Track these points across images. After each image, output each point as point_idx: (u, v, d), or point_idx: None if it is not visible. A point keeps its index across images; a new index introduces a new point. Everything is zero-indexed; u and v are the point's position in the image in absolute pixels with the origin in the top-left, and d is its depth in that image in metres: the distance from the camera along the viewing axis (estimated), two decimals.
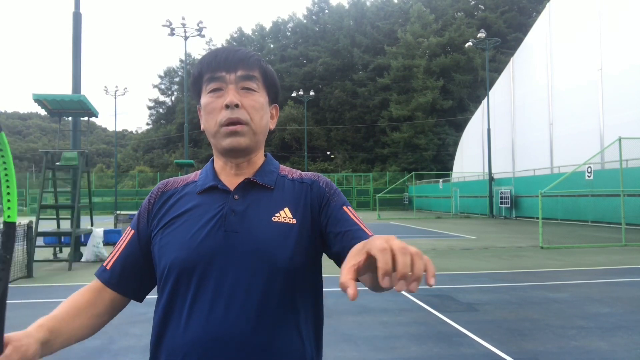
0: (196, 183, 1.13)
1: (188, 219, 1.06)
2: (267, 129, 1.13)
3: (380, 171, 51.59)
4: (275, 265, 1.01)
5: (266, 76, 1.11)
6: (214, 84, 1.07)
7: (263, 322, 0.99)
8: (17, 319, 5.85)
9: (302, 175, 1.16)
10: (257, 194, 1.09)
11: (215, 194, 1.08)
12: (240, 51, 1.09)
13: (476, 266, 9.21)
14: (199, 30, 31.82)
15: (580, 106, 22.81)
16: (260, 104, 1.09)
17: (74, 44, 11.30)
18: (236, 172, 1.12)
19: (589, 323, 5.07)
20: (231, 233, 1.02)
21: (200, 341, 0.97)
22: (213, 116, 1.07)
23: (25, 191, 44.09)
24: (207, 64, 1.07)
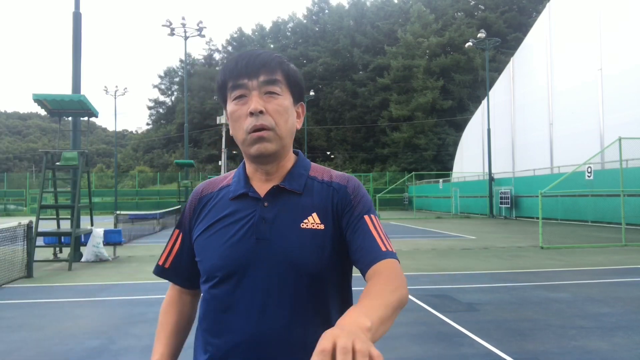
0: (229, 188, 1.16)
1: (223, 225, 1.11)
2: (293, 131, 1.13)
3: (380, 171, 51.58)
4: (305, 270, 1.05)
5: (289, 77, 1.10)
6: (238, 91, 1.07)
7: (295, 322, 1.04)
8: (17, 319, 5.89)
9: (332, 177, 1.16)
10: (286, 199, 1.11)
11: (246, 201, 1.11)
12: (261, 55, 1.08)
13: (476, 266, 9.21)
14: (199, 30, 31.85)
15: (580, 106, 22.81)
16: (285, 107, 1.08)
17: (74, 44, 11.30)
18: (266, 177, 1.13)
19: (589, 323, 5.07)
20: (262, 240, 1.06)
21: (238, 343, 1.04)
22: (239, 124, 1.08)
23: (25, 191, 44.07)
24: (229, 72, 1.08)
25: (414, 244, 13.35)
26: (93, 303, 6.43)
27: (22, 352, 4.37)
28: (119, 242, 11.39)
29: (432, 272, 8.51)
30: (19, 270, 8.25)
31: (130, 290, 7.16)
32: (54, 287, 7.58)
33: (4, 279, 7.74)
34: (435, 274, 8.34)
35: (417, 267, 9.06)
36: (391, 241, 1.09)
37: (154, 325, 4.93)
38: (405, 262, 9.76)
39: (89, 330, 5.02)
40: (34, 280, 8.21)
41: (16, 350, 4.40)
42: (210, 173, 51.41)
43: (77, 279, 8.32)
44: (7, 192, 44.94)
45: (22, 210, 41.96)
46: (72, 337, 4.78)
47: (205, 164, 59.01)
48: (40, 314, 5.79)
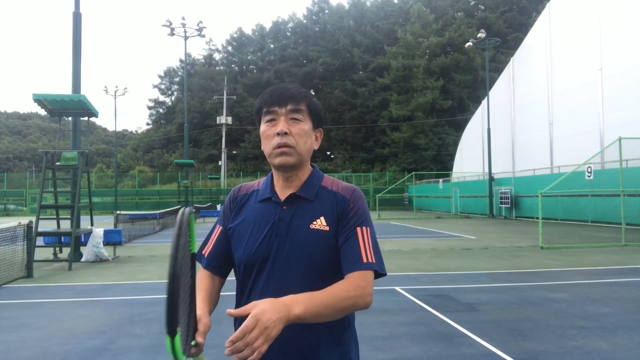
0: (258, 192, 1.45)
1: (250, 223, 1.39)
2: (311, 150, 1.41)
3: (380, 171, 51.58)
4: (313, 263, 1.31)
5: (311, 108, 1.40)
6: (270, 115, 1.37)
7: None
8: (17, 319, 5.88)
9: (339, 187, 1.42)
10: (301, 204, 1.38)
11: (270, 204, 1.39)
12: (291, 89, 1.38)
13: (476, 266, 9.21)
14: (199, 30, 31.86)
15: (580, 106, 22.81)
16: (305, 131, 1.37)
17: (74, 44, 11.30)
18: (286, 184, 1.40)
19: (589, 323, 5.07)
20: (280, 238, 1.33)
21: None
22: (269, 141, 1.37)
23: (25, 191, 44.07)
24: (265, 101, 1.38)
25: (414, 244, 13.35)
26: (93, 303, 6.43)
27: (22, 352, 4.37)
28: (119, 242, 11.39)
29: (432, 272, 8.51)
30: (19, 270, 8.25)
31: (130, 290, 7.16)
32: (54, 287, 7.58)
33: (4, 279, 7.74)
34: (435, 274, 8.33)
35: (417, 267, 9.06)
36: (380, 252, 1.33)
37: (154, 325, 4.91)
38: (405, 262, 9.76)
39: (89, 330, 5.02)
40: (34, 280, 8.21)
41: (16, 350, 4.40)
42: (211, 173, 51.43)
43: (77, 279, 8.32)
44: (7, 192, 44.95)
45: (22, 210, 41.96)
46: (71, 337, 4.78)
47: (205, 164, 59.01)
48: (40, 314, 5.79)
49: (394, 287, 7.05)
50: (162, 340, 4.63)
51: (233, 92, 58.85)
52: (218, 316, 1.52)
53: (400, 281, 7.47)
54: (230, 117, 54.61)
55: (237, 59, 68.84)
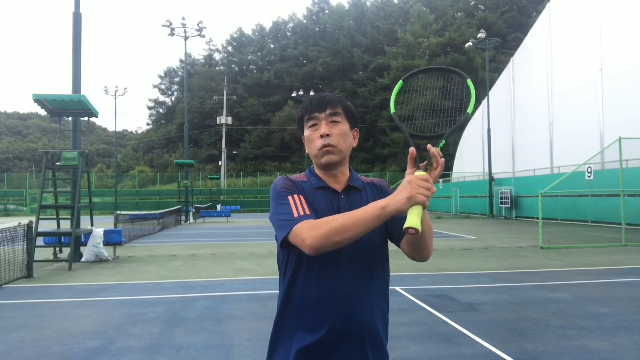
0: (309, 183, 1.57)
1: (316, 206, 1.49)
2: (350, 148, 1.59)
3: (380, 171, 51.57)
4: (372, 244, 1.50)
5: (347, 110, 1.57)
6: (312, 121, 1.54)
7: (364, 280, 1.48)
8: (17, 319, 5.88)
9: (372, 180, 1.67)
10: (354, 194, 1.57)
11: (327, 192, 1.54)
12: (328, 96, 1.56)
13: (476, 266, 9.21)
14: (199, 30, 31.87)
15: (580, 106, 22.81)
16: (344, 131, 1.54)
17: (74, 44, 11.30)
18: (334, 180, 1.57)
19: (589, 323, 5.07)
20: None
21: (330, 297, 1.45)
22: (313, 144, 1.53)
23: (25, 191, 44.08)
24: (306, 109, 1.56)
25: None
26: (93, 303, 6.43)
27: (22, 352, 4.36)
28: (119, 242, 11.39)
29: (432, 272, 8.51)
30: (19, 270, 8.25)
31: (130, 290, 7.16)
32: (53, 287, 7.57)
33: (4, 279, 7.74)
34: (435, 274, 8.33)
35: (417, 267, 9.06)
36: None
37: (154, 325, 4.91)
38: (405, 262, 9.73)
39: (89, 330, 5.02)
40: (34, 280, 8.21)
41: (16, 350, 4.40)
42: (210, 173, 51.42)
43: (77, 279, 8.32)
44: (7, 192, 44.97)
45: (22, 210, 41.96)
46: (71, 337, 4.78)
47: (205, 164, 59.01)
48: (39, 314, 5.79)
49: (394, 287, 7.05)
50: (162, 340, 4.63)
51: (233, 92, 58.86)
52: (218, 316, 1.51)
53: (400, 281, 7.47)
54: (230, 117, 54.63)
55: (237, 59, 68.84)
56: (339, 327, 1.44)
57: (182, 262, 10.14)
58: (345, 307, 1.45)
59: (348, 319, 1.45)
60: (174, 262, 10.15)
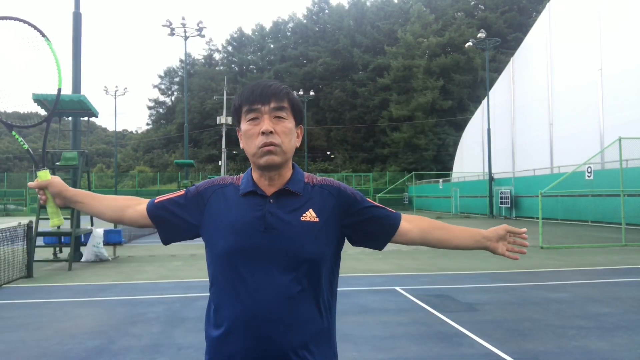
0: (239, 187, 1.40)
1: (235, 216, 1.34)
2: (294, 148, 1.39)
3: (380, 171, 51.56)
4: (303, 255, 1.30)
5: (293, 105, 1.37)
6: (252, 114, 1.33)
7: (291, 300, 1.28)
8: (17, 319, 5.88)
9: (321, 181, 1.44)
10: (289, 198, 1.37)
11: (254, 198, 1.36)
12: (272, 86, 1.34)
13: (476, 266, 9.21)
14: (199, 30, 31.89)
15: (580, 106, 22.80)
16: (289, 129, 1.35)
17: (74, 44, 11.29)
18: (269, 182, 1.37)
19: (589, 323, 5.07)
20: (270, 229, 1.30)
21: (250, 314, 1.27)
22: (252, 140, 1.33)
23: (25, 191, 44.03)
24: (246, 98, 1.35)
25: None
26: (93, 303, 6.43)
27: (22, 352, 4.36)
28: (119, 242, 11.39)
29: (432, 272, 8.51)
30: (19, 270, 8.25)
31: (130, 290, 7.16)
32: (53, 287, 7.58)
33: (4, 279, 7.74)
34: (435, 274, 8.33)
35: (417, 267, 9.06)
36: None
37: (154, 325, 4.91)
38: (405, 262, 9.76)
39: (89, 330, 5.02)
40: (34, 280, 8.21)
41: (16, 350, 4.40)
42: (210, 173, 51.42)
43: (77, 279, 8.32)
44: (7, 192, 44.93)
45: (22, 210, 41.92)
46: (71, 337, 4.78)
47: (205, 164, 58.98)
48: (40, 314, 5.78)
49: (394, 287, 7.05)
50: (162, 340, 4.63)
51: (233, 92, 58.74)
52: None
53: (400, 281, 7.47)
54: (230, 117, 54.52)
55: (237, 59, 68.81)
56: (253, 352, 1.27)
57: (182, 262, 10.14)
58: (262, 330, 1.26)
59: (265, 343, 1.27)
60: (174, 262, 10.15)
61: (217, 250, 1.34)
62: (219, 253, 1.33)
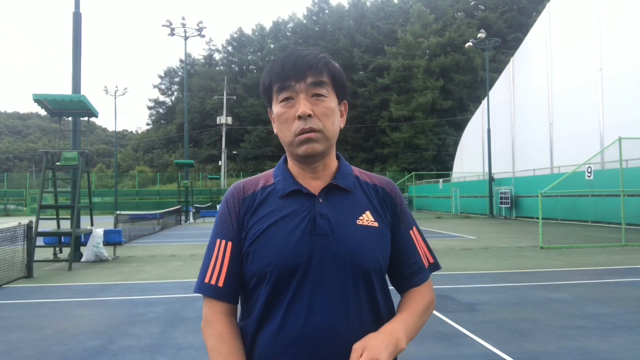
0: (275, 186, 1.15)
1: (277, 224, 1.09)
2: (338, 131, 1.15)
3: (381, 171, 51.51)
4: (362, 265, 1.09)
5: (335, 78, 1.12)
6: (285, 93, 1.09)
7: (353, 318, 1.07)
8: (17, 319, 5.88)
9: (374, 179, 1.22)
10: (340, 197, 1.13)
11: (299, 198, 1.12)
12: (308, 56, 1.09)
13: (476, 266, 9.21)
14: (199, 30, 31.86)
15: (580, 106, 22.80)
16: (331, 110, 1.11)
17: (74, 44, 11.29)
18: (313, 175, 1.15)
19: (589, 323, 5.07)
20: (322, 236, 1.08)
21: (298, 340, 1.04)
22: (287, 126, 1.09)
23: (25, 191, 44.04)
24: (276, 75, 1.09)
25: None
26: (93, 303, 6.43)
27: (22, 352, 4.36)
28: (119, 242, 11.39)
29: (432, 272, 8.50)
30: (19, 270, 8.25)
31: (130, 290, 7.16)
32: (54, 287, 7.57)
33: (4, 279, 7.74)
34: (435, 274, 8.30)
35: None
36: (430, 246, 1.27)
37: (154, 325, 4.92)
38: None
39: (89, 330, 5.02)
40: (34, 280, 8.21)
41: (16, 350, 4.40)
42: (211, 173, 51.41)
43: (77, 279, 8.32)
44: (7, 192, 44.92)
45: (22, 210, 41.93)
46: (71, 337, 4.78)
47: (205, 164, 58.99)
48: (40, 314, 5.78)
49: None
50: (162, 340, 4.63)
51: (233, 92, 58.83)
52: None
53: None
54: (230, 117, 54.58)
55: (237, 59, 68.83)
56: None
57: (182, 262, 10.14)
58: (314, 353, 1.05)
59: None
60: (174, 262, 10.15)
61: (255, 270, 1.10)
62: (258, 273, 1.09)
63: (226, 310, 1.14)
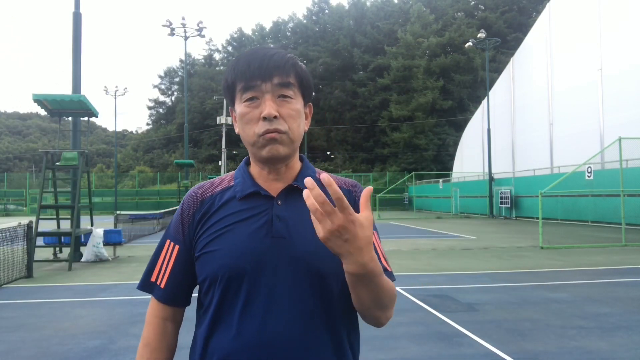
0: (234, 188, 1.12)
1: (233, 226, 1.06)
2: (303, 134, 1.12)
3: (380, 171, 51.58)
4: (319, 270, 1.04)
5: (301, 80, 1.09)
6: (250, 93, 1.05)
7: (306, 324, 1.02)
8: (17, 319, 5.88)
9: (339, 181, 1.15)
10: (300, 199, 1.04)
11: (257, 200, 1.08)
12: (275, 56, 1.05)
13: (476, 266, 9.21)
14: (199, 30, 31.87)
15: (580, 106, 22.81)
16: (297, 112, 1.07)
17: (74, 44, 11.29)
18: (275, 177, 1.11)
19: (589, 323, 5.07)
20: (279, 239, 1.04)
21: (253, 346, 1.00)
22: (250, 126, 1.06)
23: (25, 191, 44.05)
24: (241, 73, 1.05)
25: (414, 244, 13.35)
26: (93, 303, 6.43)
27: (22, 352, 4.36)
28: (119, 242, 11.39)
29: (432, 272, 8.51)
30: (19, 270, 8.25)
31: (130, 290, 7.16)
32: (54, 287, 7.57)
33: (4, 279, 7.74)
34: (435, 274, 8.33)
35: (417, 267, 9.06)
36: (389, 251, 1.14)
37: None
38: (405, 262, 9.75)
39: (89, 330, 5.02)
40: (34, 280, 8.21)
41: (16, 350, 4.40)
42: (211, 173, 51.42)
43: (77, 279, 8.32)
44: (7, 192, 44.94)
45: (22, 210, 41.93)
46: (71, 337, 4.78)
47: (205, 164, 59.01)
48: (40, 314, 5.78)
49: None
50: None
51: None
52: None
53: (400, 281, 7.46)
54: (230, 117, 54.54)
55: None
56: None
57: None
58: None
59: None
60: None
61: (207, 273, 1.07)
62: (211, 276, 1.06)
63: (165, 315, 1.14)
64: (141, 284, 1.17)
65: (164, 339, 1.14)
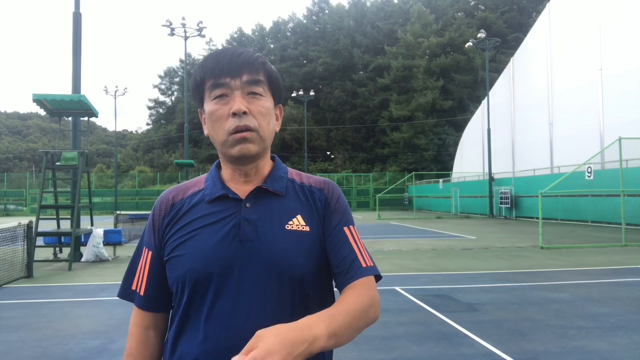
0: (203, 192, 1.11)
1: (201, 229, 1.05)
2: (273, 133, 1.11)
3: (380, 171, 51.57)
4: (290, 273, 1.02)
5: (271, 79, 1.08)
6: (219, 90, 1.03)
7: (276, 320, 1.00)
8: (17, 319, 5.88)
9: (310, 181, 1.15)
10: (269, 201, 1.08)
11: (226, 203, 1.07)
12: (243, 54, 1.05)
13: (476, 266, 9.21)
14: (199, 30, 31.82)
15: (580, 106, 22.81)
16: (267, 109, 1.06)
17: (74, 44, 11.29)
18: (245, 179, 1.10)
19: (589, 323, 5.07)
20: (246, 242, 1.03)
21: (220, 350, 0.98)
22: (220, 124, 1.04)
23: (25, 191, 44.05)
24: (210, 70, 1.04)
25: (414, 244, 13.35)
26: (93, 303, 6.43)
27: (22, 352, 4.36)
28: (119, 242, 11.39)
29: (432, 272, 8.51)
30: (19, 270, 8.25)
31: None
32: (54, 287, 7.58)
33: (4, 279, 7.74)
34: (435, 274, 8.33)
35: (417, 267, 9.06)
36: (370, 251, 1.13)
37: None
38: (405, 262, 9.75)
39: (89, 330, 5.02)
40: (34, 280, 8.21)
41: (16, 350, 4.40)
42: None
43: (77, 279, 8.32)
44: (7, 192, 44.92)
45: (22, 210, 41.93)
46: (71, 337, 4.78)
47: (205, 164, 59.00)
48: (40, 314, 5.78)
49: (394, 287, 7.05)
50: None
51: None
52: None
53: (400, 281, 7.47)
54: None
55: None
56: None
57: None
58: None
59: None
60: None
61: (175, 278, 1.06)
62: (178, 280, 1.05)
63: (146, 323, 1.13)
64: (121, 293, 1.16)
65: (146, 349, 1.13)
